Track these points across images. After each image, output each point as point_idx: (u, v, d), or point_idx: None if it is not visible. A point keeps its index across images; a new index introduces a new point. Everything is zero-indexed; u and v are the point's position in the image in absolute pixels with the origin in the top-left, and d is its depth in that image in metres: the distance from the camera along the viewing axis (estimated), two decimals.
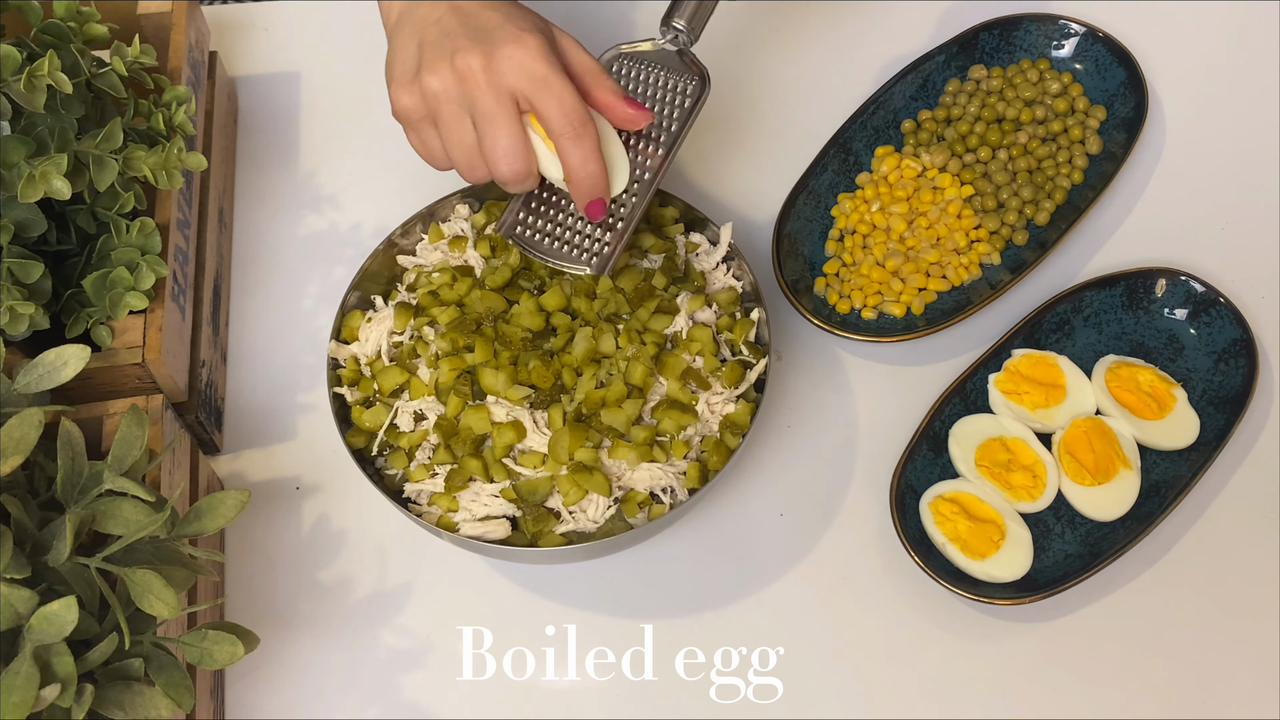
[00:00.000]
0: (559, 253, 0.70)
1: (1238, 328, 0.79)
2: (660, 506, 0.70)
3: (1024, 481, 0.75)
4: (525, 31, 0.62)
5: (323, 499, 0.78)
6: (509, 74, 0.61)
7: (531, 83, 0.61)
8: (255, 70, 0.97)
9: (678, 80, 0.71)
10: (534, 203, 0.71)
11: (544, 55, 0.61)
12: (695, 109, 0.70)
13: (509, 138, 0.62)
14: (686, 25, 0.70)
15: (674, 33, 0.71)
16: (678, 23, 0.70)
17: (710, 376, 0.73)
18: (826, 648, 0.73)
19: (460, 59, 0.62)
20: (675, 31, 0.70)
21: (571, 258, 0.70)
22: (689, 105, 0.70)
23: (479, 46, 0.61)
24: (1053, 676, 0.72)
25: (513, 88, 0.61)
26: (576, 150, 0.63)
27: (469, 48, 0.62)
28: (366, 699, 0.72)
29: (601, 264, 0.69)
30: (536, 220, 0.71)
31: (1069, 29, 0.91)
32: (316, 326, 0.85)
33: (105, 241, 0.70)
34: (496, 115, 0.62)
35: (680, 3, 0.71)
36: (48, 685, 0.52)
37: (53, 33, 0.70)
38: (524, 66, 0.61)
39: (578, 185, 0.65)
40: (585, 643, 0.74)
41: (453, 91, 0.62)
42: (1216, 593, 0.74)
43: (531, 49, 0.61)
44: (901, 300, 0.83)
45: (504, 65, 0.61)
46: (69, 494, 0.58)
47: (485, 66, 0.61)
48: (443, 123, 0.64)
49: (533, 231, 0.70)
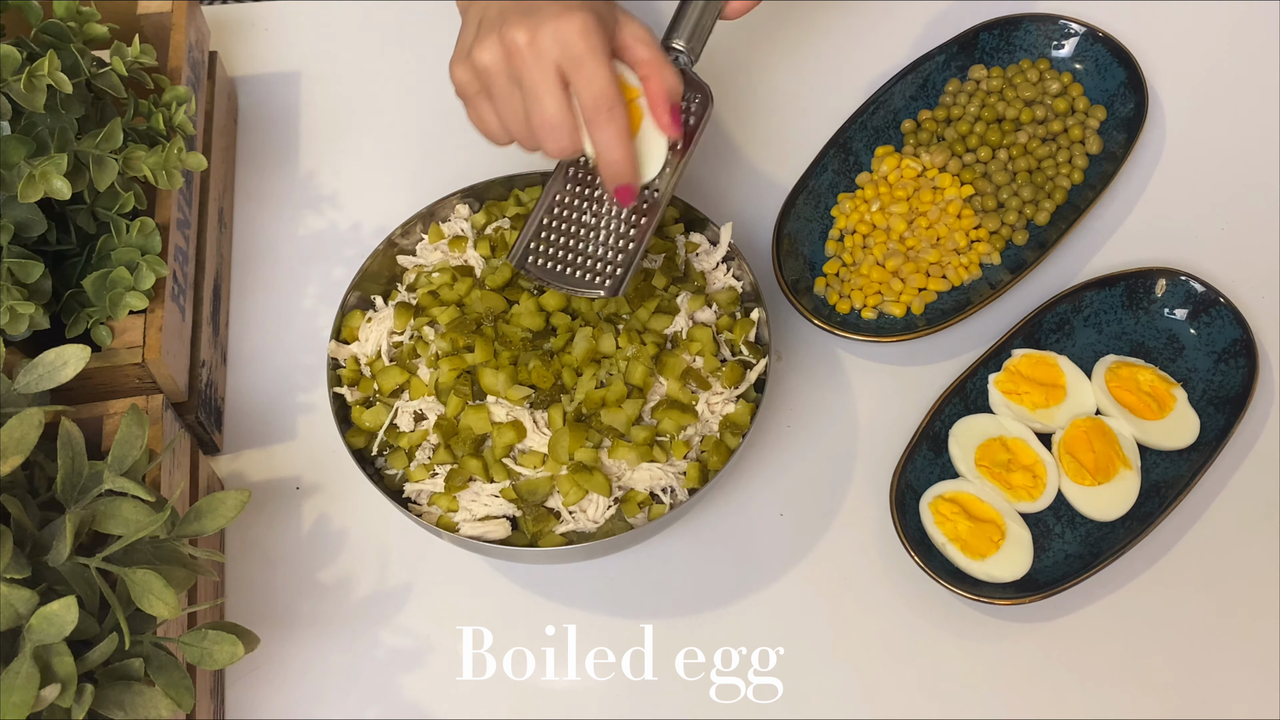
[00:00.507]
0: (571, 278, 0.70)
1: (1238, 328, 0.79)
2: (660, 506, 0.70)
3: (1024, 481, 0.75)
4: (573, 9, 0.63)
5: (323, 499, 0.78)
6: (550, 49, 0.62)
7: (570, 59, 0.62)
8: (255, 70, 0.97)
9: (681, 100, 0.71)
10: (544, 231, 0.71)
11: (585, 33, 0.62)
12: (700, 127, 0.70)
13: (552, 111, 0.63)
14: (686, 45, 0.70)
15: (674, 54, 0.70)
16: (677, 43, 0.70)
17: (710, 376, 0.73)
18: (826, 647, 0.73)
19: (508, 33, 0.63)
20: (675, 52, 0.70)
21: (584, 282, 0.69)
22: (694, 124, 0.70)
23: (526, 20, 0.63)
24: (1053, 676, 0.72)
25: (555, 62, 0.62)
26: (601, 133, 0.64)
27: (517, 22, 0.63)
28: (367, 699, 0.72)
29: (615, 285, 0.69)
30: (546, 248, 0.70)
31: (1069, 29, 0.91)
32: (316, 326, 0.85)
33: (105, 241, 0.70)
34: (539, 88, 0.63)
35: (679, 23, 0.70)
36: (48, 685, 0.52)
37: (53, 33, 0.70)
38: (564, 42, 0.62)
39: (604, 169, 0.66)
40: (585, 643, 0.74)
41: (500, 65, 0.64)
42: (1216, 593, 0.74)
43: (575, 25, 0.62)
44: (901, 300, 0.83)
45: (545, 40, 0.62)
46: (69, 494, 0.58)
47: (530, 41, 0.62)
48: (495, 96, 0.65)
49: (544, 260, 0.70)
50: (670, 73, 0.66)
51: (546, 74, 0.63)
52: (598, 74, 0.62)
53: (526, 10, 0.63)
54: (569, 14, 0.62)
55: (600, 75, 0.62)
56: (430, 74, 0.96)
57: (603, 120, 0.63)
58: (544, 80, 0.63)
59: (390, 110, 0.95)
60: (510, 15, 0.63)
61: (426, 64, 0.97)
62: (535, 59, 0.62)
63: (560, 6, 0.63)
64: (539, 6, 0.63)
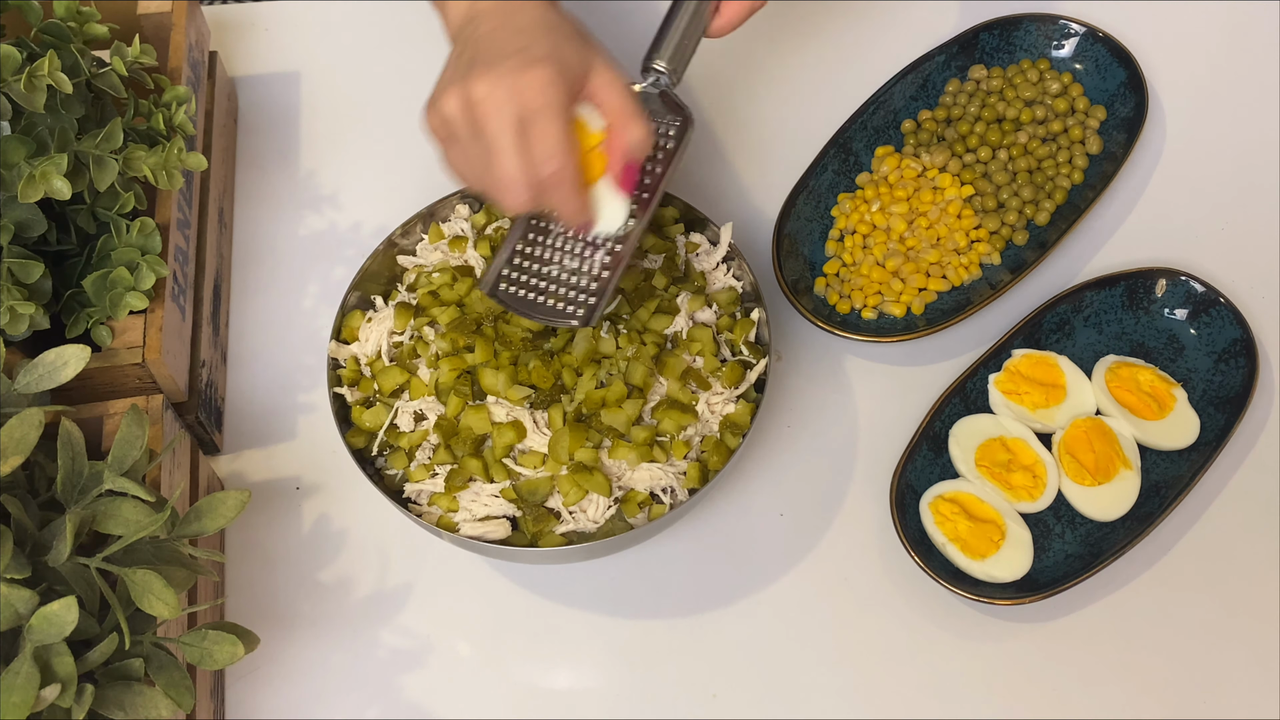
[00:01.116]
0: (544, 307, 0.68)
1: (1238, 328, 0.79)
2: (660, 506, 0.70)
3: (1024, 481, 0.75)
4: (536, 61, 0.62)
5: (323, 499, 0.78)
6: (507, 104, 0.61)
7: (527, 114, 0.61)
8: (255, 70, 0.97)
9: (660, 122, 0.70)
10: (516, 258, 0.70)
11: (544, 88, 0.61)
12: (680, 151, 0.69)
13: (507, 168, 0.62)
14: (668, 67, 0.69)
15: (655, 75, 0.69)
16: (658, 64, 0.69)
17: (710, 376, 0.73)
18: (827, 647, 0.73)
19: (469, 85, 0.62)
20: (656, 74, 0.69)
21: (557, 311, 0.68)
22: (673, 148, 0.69)
23: (488, 73, 0.62)
24: (1053, 676, 0.72)
25: (513, 117, 0.61)
26: (551, 194, 0.63)
27: (480, 74, 0.62)
28: (367, 699, 0.72)
29: (587, 316, 0.67)
30: (520, 276, 0.69)
31: (1069, 29, 0.91)
32: (317, 326, 0.85)
33: (105, 241, 0.70)
34: (496, 143, 0.62)
35: (661, 43, 0.69)
36: (48, 685, 0.52)
37: (53, 33, 0.70)
38: (522, 97, 0.61)
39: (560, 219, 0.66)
40: (585, 643, 0.74)
41: (461, 117, 0.63)
42: (1217, 593, 0.74)
43: (535, 80, 0.61)
44: (901, 300, 0.83)
45: (502, 95, 0.61)
46: (69, 494, 0.58)
47: (488, 95, 0.61)
48: (460, 146, 0.64)
49: (516, 288, 0.69)
50: (636, 127, 0.64)
51: (504, 129, 0.61)
52: (549, 132, 0.61)
53: (491, 61, 0.62)
54: (530, 68, 0.61)
55: (551, 133, 0.61)
56: (430, 74, 0.96)
57: (551, 182, 0.62)
58: (500, 135, 0.61)
59: (390, 110, 0.95)
60: (476, 65, 0.62)
61: (427, 64, 0.96)
62: (494, 113, 0.61)
63: (523, 59, 0.62)
64: (504, 57, 0.62)
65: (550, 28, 0.65)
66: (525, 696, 0.72)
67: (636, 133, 0.64)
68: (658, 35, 0.69)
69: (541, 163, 0.62)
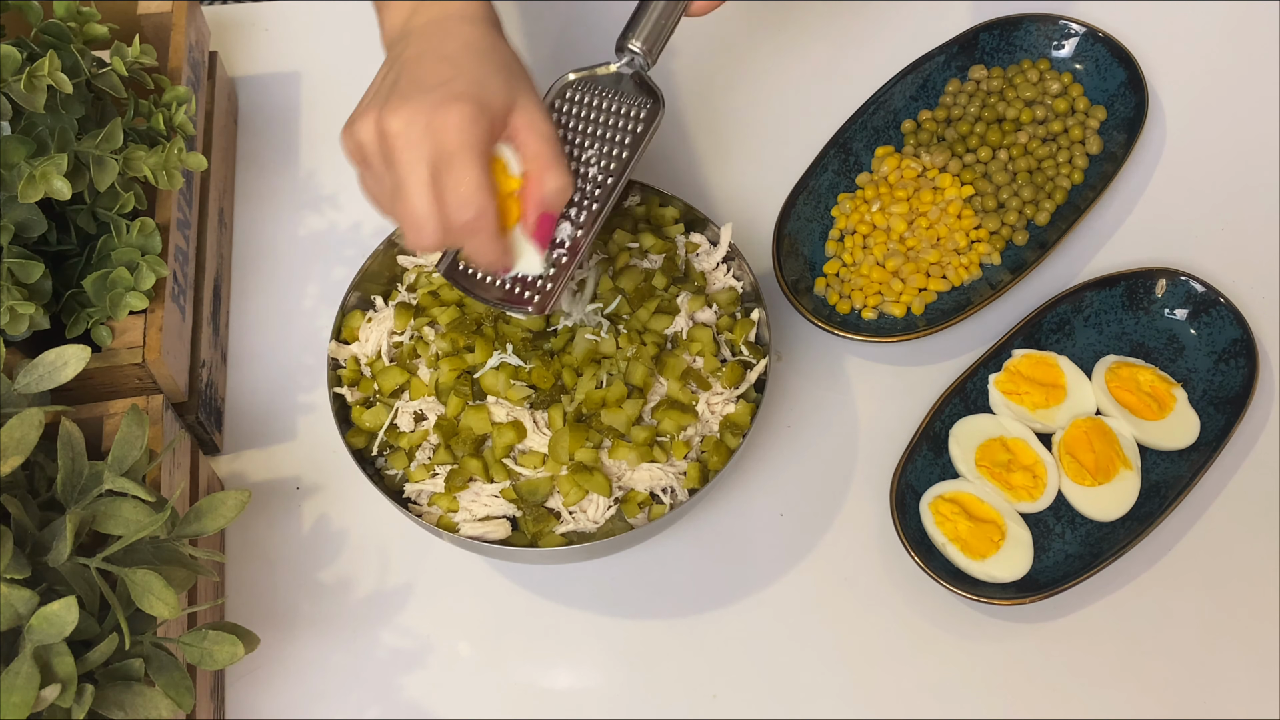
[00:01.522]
0: (499, 291, 0.67)
1: (1238, 328, 0.79)
2: (660, 507, 0.70)
3: (1024, 482, 0.75)
4: (456, 98, 0.59)
5: (323, 499, 0.78)
6: (421, 142, 0.59)
7: (441, 155, 0.59)
8: (255, 70, 0.97)
9: (631, 105, 0.68)
10: None
11: (461, 128, 0.58)
12: (648, 133, 0.67)
13: (416, 207, 0.59)
14: (643, 48, 0.67)
15: (629, 55, 0.68)
16: (634, 45, 0.67)
17: (710, 377, 0.73)
18: (827, 648, 0.73)
19: (385, 115, 0.59)
20: (631, 54, 0.68)
21: (514, 296, 0.67)
22: (640, 130, 0.67)
23: (405, 106, 0.59)
24: (1053, 677, 0.72)
25: (427, 156, 0.59)
26: (464, 240, 0.61)
27: (397, 106, 0.59)
28: (367, 699, 0.72)
29: (543, 304, 0.66)
30: None
31: (1069, 29, 0.91)
32: (317, 326, 0.85)
33: (105, 242, 0.70)
34: (406, 181, 0.59)
35: (637, 22, 0.68)
36: (48, 685, 0.52)
37: (53, 33, 0.70)
38: (437, 136, 0.59)
39: (475, 265, 0.64)
40: (585, 643, 0.74)
41: (374, 146, 0.61)
42: (1217, 593, 0.74)
43: (452, 119, 0.58)
44: (902, 300, 0.83)
45: (417, 132, 0.59)
46: (69, 494, 0.58)
47: (403, 130, 0.59)
48: (371, 173, 0.62)
49: (473, 269, 0.68)
50: (554, 177, 0.62)
51: (415, 167, 0.59)
52: (464, 178, 0.59)
53: (409, 92, 0.60)
54: (448, 105, 0.58)
55: (467, 179, 0.59)
56: None
57: (464, 230, 0.60)
58: (412, 174, 0.59)
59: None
60: (395, 93, 0.60)
61: None
62: (406, 150, 0.59)
63: (443, 94, 0.59)
64: (424, 90, 0.60)
65: (479, 56, 0.62)
66: (525, 697, 0.72)
67: (554, 183, 0.62)
68: (634, 14, 0.68)
69: (455, 209, 0.59)
